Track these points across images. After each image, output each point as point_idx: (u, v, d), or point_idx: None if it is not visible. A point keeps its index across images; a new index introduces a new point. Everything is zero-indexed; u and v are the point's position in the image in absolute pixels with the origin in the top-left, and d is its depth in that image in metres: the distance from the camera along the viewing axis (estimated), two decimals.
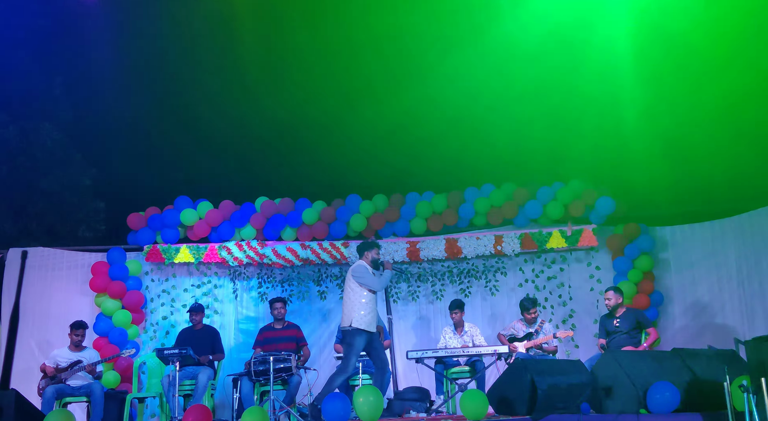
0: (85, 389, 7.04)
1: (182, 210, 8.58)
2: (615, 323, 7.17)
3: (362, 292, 6.30)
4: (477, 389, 6.58)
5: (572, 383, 5.60)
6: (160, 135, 11.76)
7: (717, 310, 8.02)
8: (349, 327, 6.22)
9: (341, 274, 8.67)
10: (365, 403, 5.42)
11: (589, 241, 8.30)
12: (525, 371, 5.61)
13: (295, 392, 6.93)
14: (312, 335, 8.49)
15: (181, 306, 8.52)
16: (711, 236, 8.22)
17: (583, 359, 7.45)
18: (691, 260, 8.28)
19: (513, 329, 7.60)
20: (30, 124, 10.79)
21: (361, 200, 8.73)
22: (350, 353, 6.21)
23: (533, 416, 5.26)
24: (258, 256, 8.50)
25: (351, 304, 6.28)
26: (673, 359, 5.78)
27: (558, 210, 8.40)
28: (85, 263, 8.60)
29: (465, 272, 8.63)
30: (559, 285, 8.47)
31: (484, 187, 8.67)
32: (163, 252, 8.50)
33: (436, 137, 11.30)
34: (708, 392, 5.37)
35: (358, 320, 6.21)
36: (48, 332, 8.26)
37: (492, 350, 6.86)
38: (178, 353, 6.56)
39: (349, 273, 6.42)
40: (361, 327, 6.20)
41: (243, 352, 8.34)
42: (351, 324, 6.20)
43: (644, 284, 8.08)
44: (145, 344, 8.38)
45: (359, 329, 6.20)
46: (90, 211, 11.54)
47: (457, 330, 7.67)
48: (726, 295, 7.99)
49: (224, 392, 7.85)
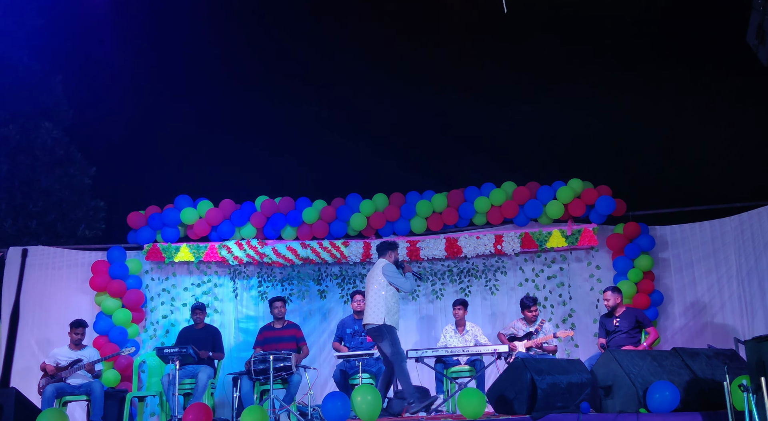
0: (85, 387, 7.05)
1: (182, 209, 8.58)
2: (615, 323, 7.17)
3: (391, 290, 6.39)
4: (475, 388, 6.58)
5: (572, 383, 5.60)
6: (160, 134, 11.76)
7: (717, 309, 8.02)
8: (383, 324, 6.28)
9: (341, 273, 8.68)
10: (363, 402, 5.41)
11: (589, 240, 8.29)
12: (525, 370, 5.60)
13: (295, 391, 6.93)
14: (312, 334, 8.49)
15: (181, 305, 8.53)
16: (711, 236, 8.21)
17: (582, 358, 7.46)
18: (691, 260, 8.28)
19: (513, 328, 7.61)
20: (30, 123, 10.77)
21: (361, 199, 8.73)
22: (396, 342, 6.33)
23: (533, 415, 5.26)
24: (258, 255, 8.50)
25: (381, 301, 6.33)
26: (673, 359, 5.77)
27: (558, 209, 8.39)
28: (85, 261, 8.61)
29: (465, 271, 8.63)
30: (559, 284, 8.47)
31: (484, 187, 8.67)
32: (163, 251, 8.51)
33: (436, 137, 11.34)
34: (708, 391, 5.38)
35: (391, 318, 6.32)
36: (48, 331, 8.26)
37: (492, 350, 6.86)
38: (178, 352, 6.56)
39: (378, 271, 6.44)
40: (392, 324, 6.33)
41: (243, 351, 8.34)
42: (384, 321, 6.28)
43: (644, 284, 8.07)
44: (145, 343, 8.38)
45: (392, 326, 6.32)
46: (90, 209, 11.54)
47: (459, 329, 7.68)
48: (726, 294, 7.99)
49: (224, 390, 7.86)
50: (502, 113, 11.13)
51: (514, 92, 11.19)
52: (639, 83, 10.64)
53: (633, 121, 10.82)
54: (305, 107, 11.80)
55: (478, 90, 11.30)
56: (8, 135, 10.36)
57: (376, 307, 6.35)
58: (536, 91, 11.13)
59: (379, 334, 6.35)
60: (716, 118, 9.82)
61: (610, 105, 10.66)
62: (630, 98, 10.65)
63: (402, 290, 6.48)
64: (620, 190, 8.50)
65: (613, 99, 10.63)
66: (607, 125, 10.70)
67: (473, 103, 11.31)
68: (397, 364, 6.29)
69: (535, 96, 11.10)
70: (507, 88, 11.24)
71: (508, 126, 11.20)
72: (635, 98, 10.64)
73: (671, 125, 10.33)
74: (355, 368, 7.14)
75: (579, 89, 10.74)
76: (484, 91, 11.23)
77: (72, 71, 11.49)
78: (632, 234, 8.19)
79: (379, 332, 6.33)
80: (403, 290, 6.49)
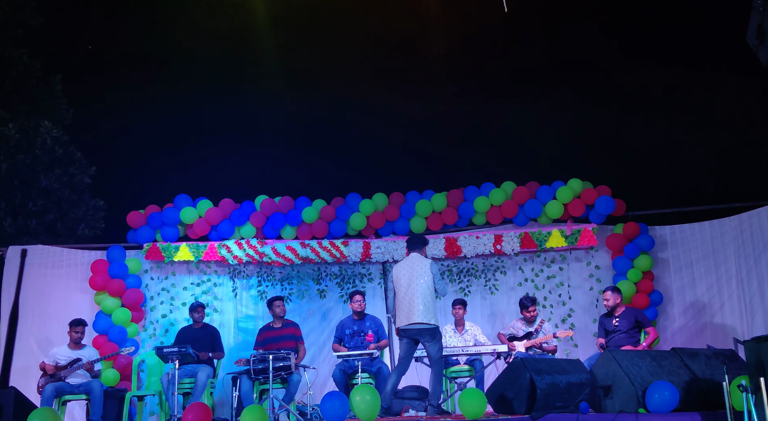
0: (84, 387, 7.05)
1: (182, 208, 8.59)
2: (614, 323, 7.17)
3: (434, 290, 6.24)
4: (476, 388, 6.58)
5: (571, 383, 5.60)
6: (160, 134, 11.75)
7: (716, 309, 8.02)
8: (437, 325, 6.21)
9: (341, 272, 8.68)
10: (363, 402, 5.41)
11: (589, 240, 8.29)
12: (524, 370, 5.60)
13: (294, 391, 6.93)
14: (311, 333, 8.49)
15: (181, 304, 8.53)
16: (710, 236, 8.21)
17: (582, 358, 7.46)
18: (691, 260, 8.28)
19: (513, 328, 7.61)
20: (30, 122, 10.76)
21: (360, 199, 8.73)
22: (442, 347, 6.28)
23: (532, 415, 5.26)
24: (258, 254, 8.50)
25: (433, 301, 6.20)
26: (672, 359, 5.77)
27: (558, 209, 8.39)
28: (85, 260, 8.61)
29: (464, 271, 8.63)
30: (558, 284, 8.47)
31: (483, 186, 8.67)
32: (163, 250, 8.51)
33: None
34: (707, 391, 5.38)
35: (438, 319, 6.25)
36: (47, 330, 8.26)
37: (491, 349, 6.85)
38: (178, 352, 6.56)
39: (427, 268, 6.24)
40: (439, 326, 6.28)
41: (242, 350, 8.34)
42: (437, 323, 6.20)
43: (643, 284, 8.08)
44: (145, 342, 8.38)
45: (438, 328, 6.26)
46: (90, 209, 11.53)
47: (458, 329, 7.68)
48: (725, 295, 7.99)
49: (224, 390, 7.86)
50: (502, 113, 11.13)
51: (514, 92, 11.19)
52: (639, 83, 10.63)
53: (633, 121, 10.82)
54: (305, 107, 11.79)
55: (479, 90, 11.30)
56: (8, 134, 10.35)
57: (430, 306, 6.14)
58: (536, 91, 11.13)
59: (433, 335, 6.19)
60: (716, 118, 9.81)
61: (611, 105, 10.66)
62: (630, 98, 10.64)
63: (441, 293, 6.31)
64: (620, 190, 8.50)
65: (614, 99, 10.63)
66: (607, 125, 10.70)
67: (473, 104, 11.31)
68: (440, 366, 6.26)
69: (535, 96, 11.09)
70: (507, 88, 11.24)
71: (508, 126, 11.20)
72: (635, 98, 10.64)
73: (671, 125, 10.32)
74: (354, 368, 7.14)
75: (579, 89, 10.74)
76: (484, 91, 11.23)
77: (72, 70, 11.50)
78: (632, 234, 8.19)
79: (434, 333, 6.19)
80: (442, 293, 6.32)
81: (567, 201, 8.40)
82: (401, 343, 6.33)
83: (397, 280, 6.35)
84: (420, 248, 6.45)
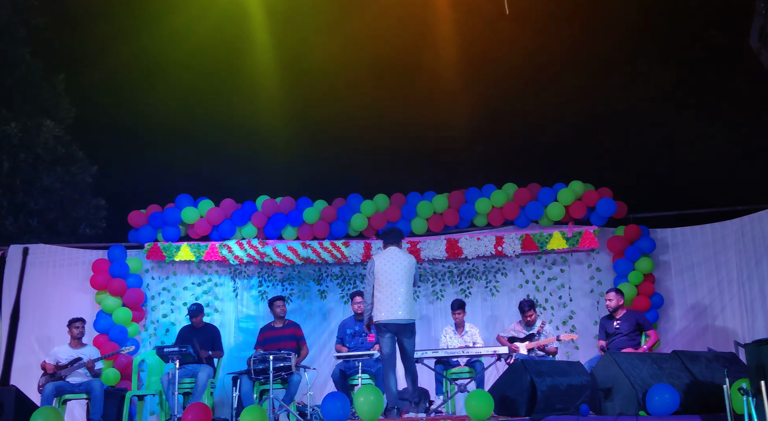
0: (84, 386, 7.05)
1: (183, 208, 8.59)
2: (615, 325, 7.17)
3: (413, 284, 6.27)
4: (483, 390, 6.57)
5: (572, 385, 5.60)
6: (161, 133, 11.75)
7: (717, 312, 8.02)
8: (415, 320, 6.22)
9: (342, 273, 8.68)
10: (366, 402, 5.41)
11: (590, 242, 8.28)
12: (524, 371, 5.60)
13: (294, 391, 6.93)
14: (312, 334, 8.49)
15: (182, 304, 8.53)
16: (711, 239, 8.21)
17: (582, 360, 7.44)
18: (692, 263, 8.27)
19: (513, 330, 7.60)
20: (32, 121, 10.78)
21: (362, 200, 8.73)
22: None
23: (532, 417, 5.26)
24: (259, 254, 8.50)
25: (412, 295, 6.21)
26: (673, 362, 5.77)
27: (559, 211, 8.39)
28: (86, 260, 8.61)
29: (465, 273, 8.63)
30: (559, 286, 8.47)
31: (485, 188, 8.67)
32: (164, 250, 8.51)
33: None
34: (707, 394, 5.38)
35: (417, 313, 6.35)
36: (48, 329, 8.26)
37: (492, 351, 6.86)
38: (178, 351, 6.56)
39: (412, 264, 6.24)
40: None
41: (243, 350, 8.35)
42: (417, 318, 6.23)
43: (644, 286, 8.07)
44: (145, 342, 8.39)
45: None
46: (91, 208, 11.54)
47: (458, 330, 7.67)
48: (726, 297, 7.99)
49: (224, 390, 7.86)
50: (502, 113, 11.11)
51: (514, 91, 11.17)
52: (640, 84, 10.62)
53: (634, 122, 10.80)
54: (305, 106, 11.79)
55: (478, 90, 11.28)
56: (10, 133, 10.36)
57: (412, 301, 6.17)
58: (536, 90, 11.11)
59: (413, 331, 6.21)
60: (718, 120, 9.80)
61: (611, 106, 10.64)
62: (631, 99, 10.63)
63: (418, 283, 6.46)
64: (621, 192, 8.50)
65: (614, 100, 10.61)
66: (608, 127, 10.69)
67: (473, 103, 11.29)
68: (413, 362, 6.27)
69: (535, 96, 11.08)
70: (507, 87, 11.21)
71: (508, 126, 11.18)
72: (637, 99, 10.62)
73: (673, 127, 10.31)
74: (354, 369, 7.14)
75: (579, 89, 10.72)
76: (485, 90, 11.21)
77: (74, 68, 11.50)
78: (633, 236, 8.19)
79: (414, 329, 6.22)
80: (418, 283, 6.47)
81: (568, 203, 8.40)
82: (383, 338, 6.15)
83: (378, 273, 6.19)
84: (397, 241, 6.36)
